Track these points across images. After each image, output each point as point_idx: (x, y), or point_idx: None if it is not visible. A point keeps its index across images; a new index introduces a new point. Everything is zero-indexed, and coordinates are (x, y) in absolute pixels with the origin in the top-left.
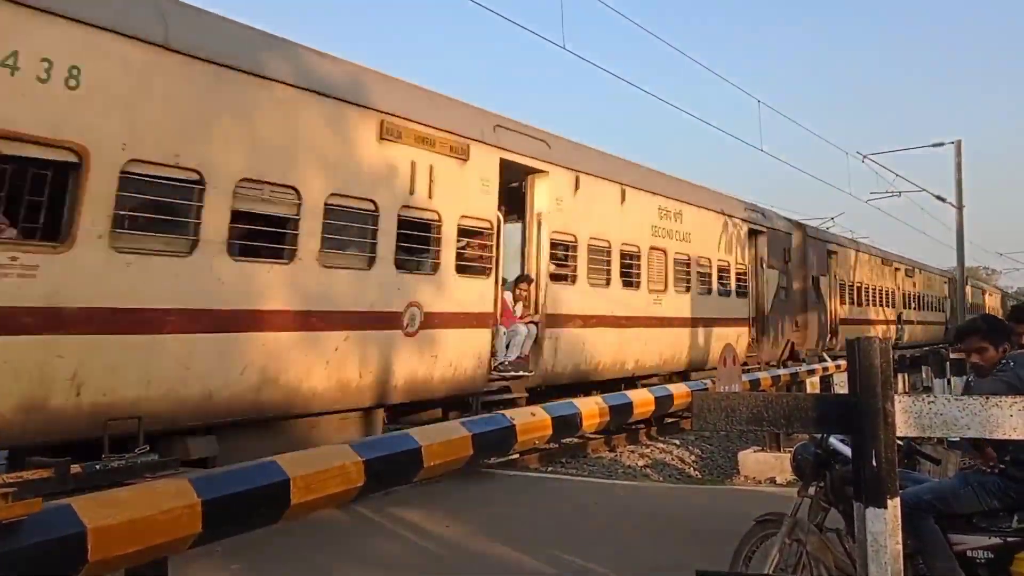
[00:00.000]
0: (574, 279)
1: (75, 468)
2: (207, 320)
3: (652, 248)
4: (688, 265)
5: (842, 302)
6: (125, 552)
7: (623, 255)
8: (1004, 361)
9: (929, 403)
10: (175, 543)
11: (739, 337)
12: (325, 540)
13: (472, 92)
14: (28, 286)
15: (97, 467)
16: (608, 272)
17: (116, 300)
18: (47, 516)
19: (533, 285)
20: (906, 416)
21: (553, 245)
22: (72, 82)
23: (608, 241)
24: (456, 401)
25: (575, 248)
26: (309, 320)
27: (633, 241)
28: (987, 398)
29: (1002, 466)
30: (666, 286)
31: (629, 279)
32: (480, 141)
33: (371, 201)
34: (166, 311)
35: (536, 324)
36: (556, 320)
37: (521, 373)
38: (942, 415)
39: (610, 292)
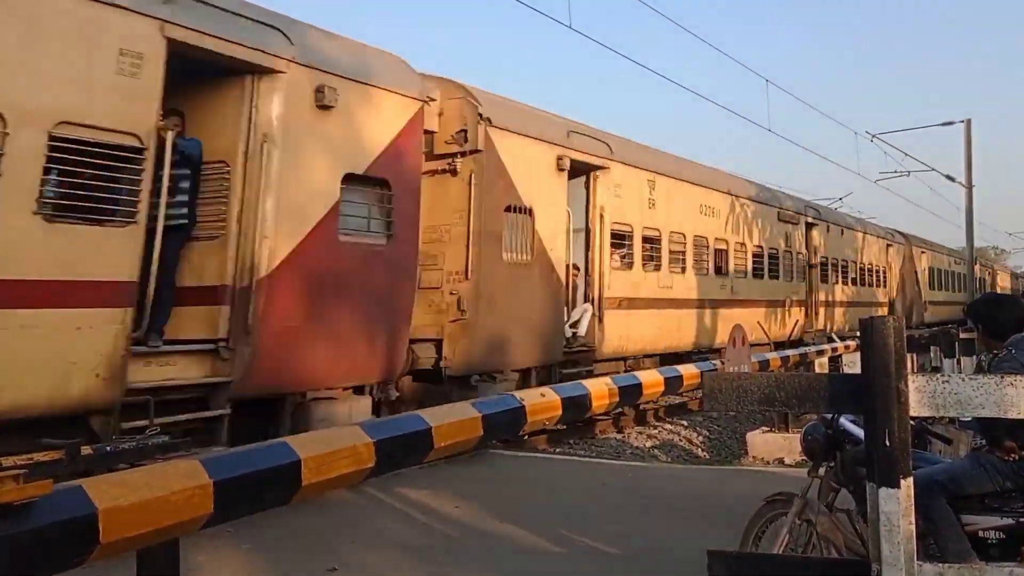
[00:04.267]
0: (826, 279)
1: (86, 449)
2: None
3: (848, 260)
4: (868, 271)
5: (928, 288)
6: (136, 533)
7: (842, 269)
8: (1006, 349)
9: (943, 382)
10: (186, 524)
11: (883, 310)
12: (336, 520)
13: (475, 75)
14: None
15: (108, 448)
16: (846, 278)
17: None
18: (58, 498)
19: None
20: (920, 396)
21: (822, 267)
22: None
23: (835, 259)
24: None
25: (829, 265)
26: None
27: (853, 259)
28: (1002, 377)
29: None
30: (858, 283)
31: (856, 282)
32: (801, 214)
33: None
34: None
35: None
36: (822, 303)
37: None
38: (956, 394)
39: (843, 287)
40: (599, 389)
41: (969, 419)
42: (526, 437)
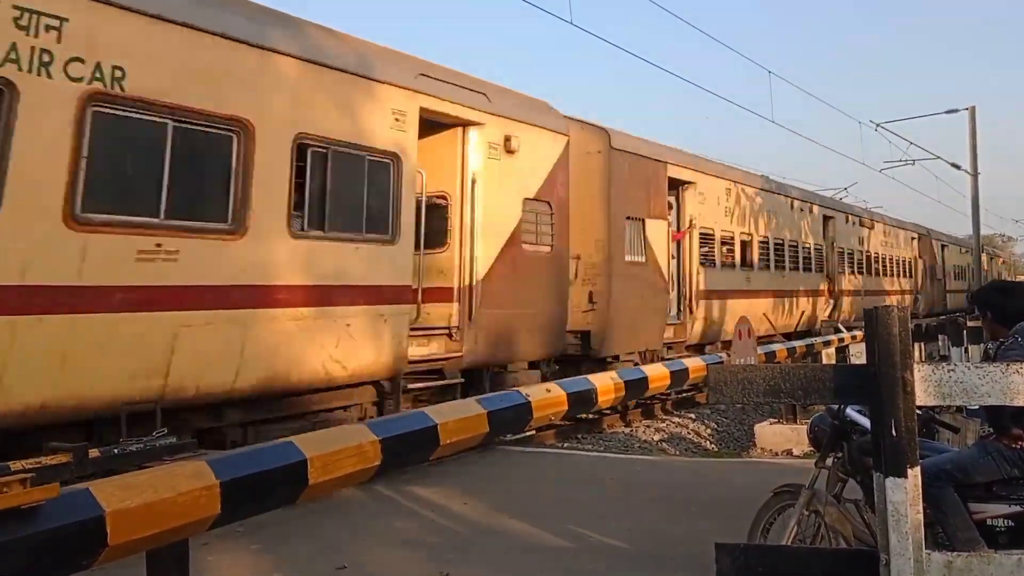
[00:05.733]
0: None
1: (93, 452)
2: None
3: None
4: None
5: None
6: (144, 535)
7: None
8: (1012, 337)
9: (949, 371)
10: (194, 525)
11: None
12: (344, 519)
13: (475, 68)
14: None
15: (115, 451)
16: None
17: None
18: (66, 501)
19: None
20: (925, 385)
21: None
22: None
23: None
24: None
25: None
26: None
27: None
28: (1007, 365)
29: None
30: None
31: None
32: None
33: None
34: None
35: None
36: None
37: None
38: (962, 383)
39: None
40: (605, 383)
41: (976, 407)
42: (533, 432)
